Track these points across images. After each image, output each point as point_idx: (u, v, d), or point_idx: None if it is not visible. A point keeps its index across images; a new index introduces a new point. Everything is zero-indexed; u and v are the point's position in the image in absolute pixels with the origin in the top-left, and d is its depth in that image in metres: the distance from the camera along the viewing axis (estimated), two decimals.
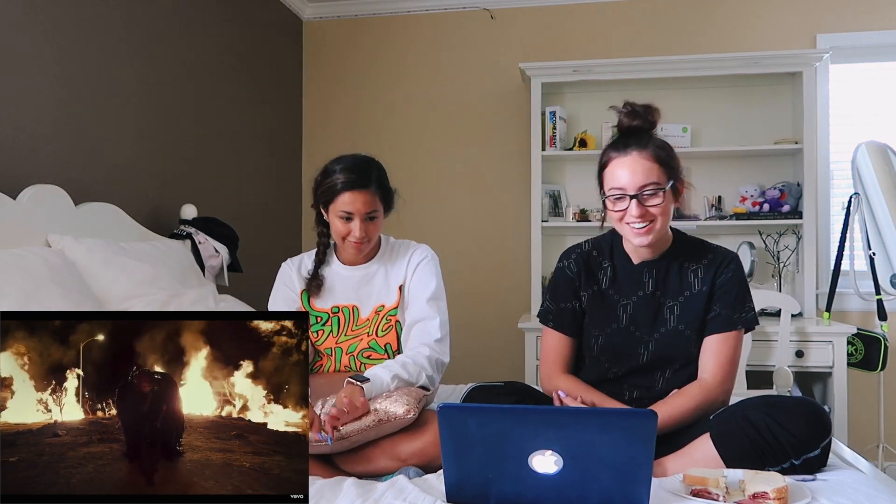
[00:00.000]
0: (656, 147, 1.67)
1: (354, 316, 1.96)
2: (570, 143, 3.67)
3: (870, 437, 3.33)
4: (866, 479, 1.44)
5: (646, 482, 1.20)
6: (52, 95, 2.29)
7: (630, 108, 1.72)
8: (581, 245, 1.89)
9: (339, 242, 1.93)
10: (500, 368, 3.69)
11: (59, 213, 2.18)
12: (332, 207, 1.88)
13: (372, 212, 1.88)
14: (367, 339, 1.93)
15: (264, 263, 3.17)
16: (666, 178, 1.66)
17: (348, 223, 1.87)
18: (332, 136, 4.05)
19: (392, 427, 1.63)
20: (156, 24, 2.81)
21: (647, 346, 1.76)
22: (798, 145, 3.43)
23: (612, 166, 1.69)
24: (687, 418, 1.64)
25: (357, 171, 1.87)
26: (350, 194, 1.85)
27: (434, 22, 4.00)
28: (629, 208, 1.65)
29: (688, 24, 3.74)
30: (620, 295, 1.80)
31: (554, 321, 1.86)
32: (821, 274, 3.55)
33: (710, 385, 1.68)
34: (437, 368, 1.85)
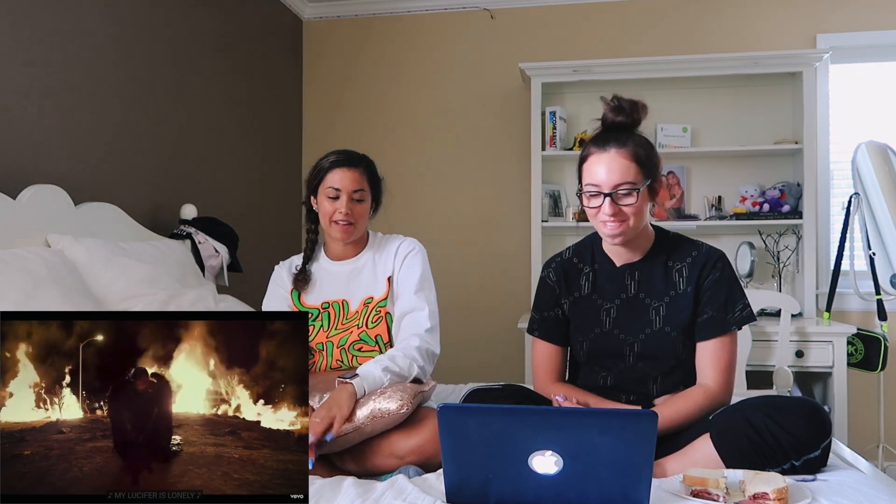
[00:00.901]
0: (636, 145, 1.66)
1: (344, 310, 1.97)
2: (570, 143, 3.66)
3: (870, 437, 3.33)
4: (866, 479, 1.44)
5: (646, 482, 1.20)
6: (52, 95, 2.29)
7: (616, 102, 1.70)
8: (562, 253, 1.89)
9: (327, 226, 1.95)
10: (499, 369, 3.68)
11: (59, 213, 2.18)
12: (321, 189, 1.93)
13: (359, 190, 1.93)
14: (357, 332, 1.94)
15: (264, 263, 3.17)
16: (643, 177, 1.65)
17: (335, 202, 1.91)
18: (331, 136, 4.05)
19: (386, 423, 1.63)
20: (155, 24, 2.81)
21: (631, 347, 1.75)
22: (798, 145, 3.43)
23: (590, 161, 1.69)
24: (689, 421, 1.64)
25: (346, 154, 1.96)
26: (339, 171, 1.92)
27: (434, 22, 4.00)
28: (602, 206, 1.65)
29: (688, 24, 3.74)
30: (603, 299, 1.79)
31: (539, 330, 1.86)
32: (821, 274, 3.55)
33: (713, 391, 1.67)
34: (429, 359, 1.85)
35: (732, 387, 1.71)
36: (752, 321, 1.74)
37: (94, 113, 2.48)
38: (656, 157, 1.71)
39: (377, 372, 1.72)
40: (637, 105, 1.70)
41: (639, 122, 1.71)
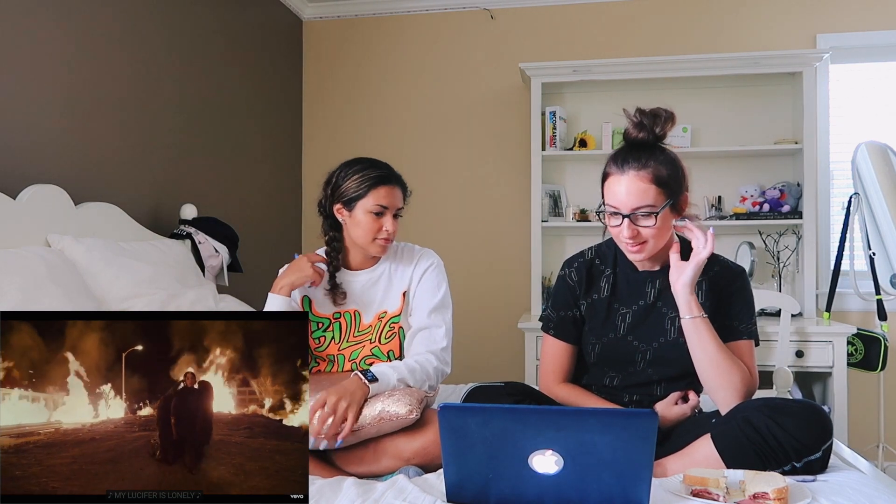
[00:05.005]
0: (658, 165, 1.61)
1: (356, 321, 1.93)
2: (570, 143, 3.67)
3: (870, 437, 3.33)
4: (866, 479, 1.44)
5: (646, 482, 1.20)
6: (52, 95, 2.29)
7: (639, 118, 1.65)
8: (584, 253, 1.87)
9: (367, 242, 1.88)
10: (500, 368, 3.69)
11: (59, 213, 2.18)
12: (361, 204, 1.85)
13: (401, 208, 1.90)
14: (369, 346, 1.91)
15: (264, 263, 3.17)
16: (664, 198, 1.61)
17: (379, 219, 1.85)
18: (331, 136, 4.05)
19: (392, 426, 1.62)
20: (155, 23, 2.81)
21: (644, 355, 1.75)
22: (798, 145, 3.43)
23: (610, 181, 1.66)
24: (722, 363, 1.60)
25: (386, 168, 1.90)
26: (386, 188, 1.85)
27: (434, 22, 4.00)
28: (622, 226, 1.63)
29: (688, 24, 3.74)
30: (620, 303, 1.79)
31: (554, 329, 1.86)
32: (821, 274, 3.55)
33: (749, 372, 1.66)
34: (439, 378, 1.85)
35: (757, 380, 1.70)
36: (756, 342, 1.74)
37: (95, 113, 2.48)
38: (682, 173, 1.66)
39: (393, 381, 1.71)
40: (659, 118, 1.65)
41: (663, 137, 1.66)
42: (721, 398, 1.63)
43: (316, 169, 4.07)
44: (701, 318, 1.62)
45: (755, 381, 1.68)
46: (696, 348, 1.63)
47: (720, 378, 1.61)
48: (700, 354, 1.63)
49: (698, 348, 1.63)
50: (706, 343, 1.62)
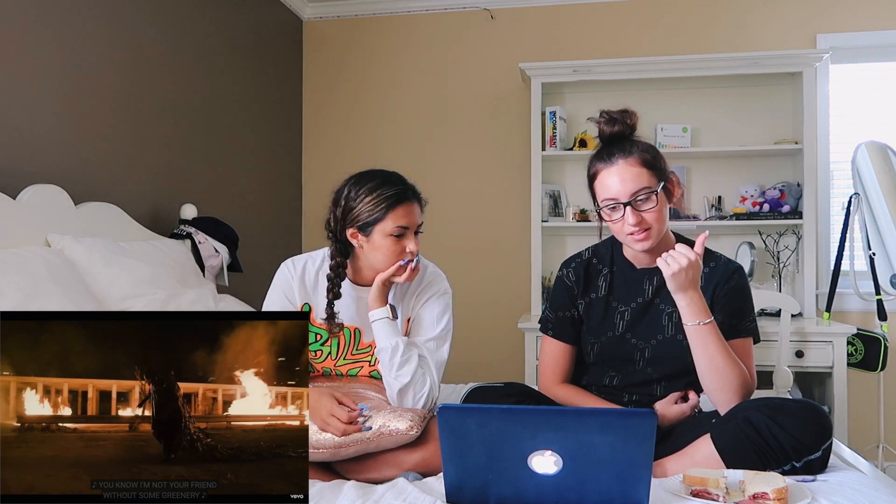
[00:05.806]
0: (641, 151, 1.67)
1: (356, 339, 1.84)
2: (570, 143, 3.66)
3: (870, 437, 3.33)
4: (866, 479, 1.44)
5: (646, 482, 1.20)
6: (52, 95, 2.29)
7: (607, 115, 1.72)
8: (581, 253, 1.88)
9: (389, 266, 1.71)
10: (499, 369, 3.68)
11: (59, 213, 2.18)
12: (379, 228, 1.69)
13: (421, 224, 1.76)
14: (368, 368, 1.85)
15: (264, 263, 3.17)
16: (656, 180, 1.66)
17: (401, 241, 1.70)
18: (331, 136, 4.05)
19: (392, 442, 1.58)
20: (155, 24, 2.81)
21: (642, 353, 1.75)
22: (798, 145, 3.43)
23: (600, 177, 1.69)
24: (722, 366, 1.60)
25: (400, 182, 1.73)
26: (403, 207, 1.69)
27: (434, 22, 4.00)
28: (625, 216, 1.65)
29: (688, 24, 3.74)
30: (618, 302, 1.79)
31: (553, 330, 1.86)
32: (821, 274, 3.55)
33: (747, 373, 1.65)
34: (429, 401, 1.74)
35: (755, 379, 1.70)
36: (757, 339, 1.74)
37: (95, 113, 2.48)
38: (662, 158, 1.72)
39: (391, 345, 1.69)
40: (627, 112, 1.72)
41: (634, 127, 1.72)
42: (719, 399, 1.63)
43: (316, 169, 4.07)
44: (701, 325, 1.60)
45: (753, 381, 1.68)
46: (699, 353, 1.63)
47: (720, 380, 1.62)
48: (702, 358, 1.63)
49: (701, 353, 1.63)
50: (710, 348, 1.61)
